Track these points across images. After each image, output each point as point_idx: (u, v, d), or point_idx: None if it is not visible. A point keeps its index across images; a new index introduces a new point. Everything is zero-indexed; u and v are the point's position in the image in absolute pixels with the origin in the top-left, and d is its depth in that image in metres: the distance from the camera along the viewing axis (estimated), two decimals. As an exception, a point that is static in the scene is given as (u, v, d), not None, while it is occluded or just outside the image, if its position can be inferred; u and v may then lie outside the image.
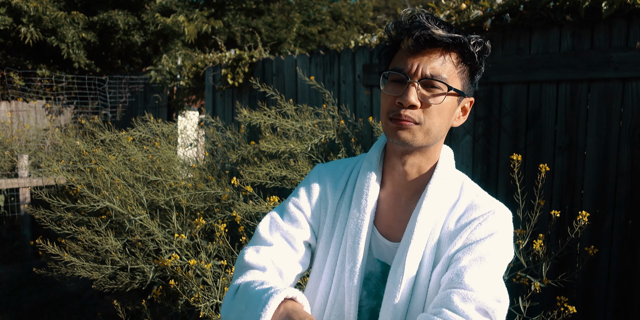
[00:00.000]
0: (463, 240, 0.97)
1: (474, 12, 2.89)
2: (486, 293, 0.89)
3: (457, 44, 0.95)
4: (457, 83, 0.98)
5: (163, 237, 2.60)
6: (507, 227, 1.00)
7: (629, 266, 2.47)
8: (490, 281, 0.92)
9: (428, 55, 0.95)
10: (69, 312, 3.71)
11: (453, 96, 0.98)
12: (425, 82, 0.95)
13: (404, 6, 15.93)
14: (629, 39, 2.40)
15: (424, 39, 0.94)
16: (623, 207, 2.47)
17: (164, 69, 6.31)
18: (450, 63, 0.96)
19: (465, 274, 0.92)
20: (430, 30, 0.93)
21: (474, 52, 0.97)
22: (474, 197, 1.04)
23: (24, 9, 7.03)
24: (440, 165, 1.04)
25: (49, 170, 4.09)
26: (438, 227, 1.01)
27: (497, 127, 2.90)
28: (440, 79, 0.95)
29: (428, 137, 0.98)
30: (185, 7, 8.24)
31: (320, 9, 10.79)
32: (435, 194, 1.02)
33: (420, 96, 0.95)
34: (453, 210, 1.02)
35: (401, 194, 1.07)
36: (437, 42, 0.94)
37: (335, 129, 3.39)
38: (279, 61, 4.44)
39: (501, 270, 0.96)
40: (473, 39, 0.97)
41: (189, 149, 4.24)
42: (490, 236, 0.97)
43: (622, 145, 2.46)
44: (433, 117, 0.96)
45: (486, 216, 0.99)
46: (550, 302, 2.60)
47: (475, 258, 0.94)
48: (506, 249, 0.98)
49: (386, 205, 1.08)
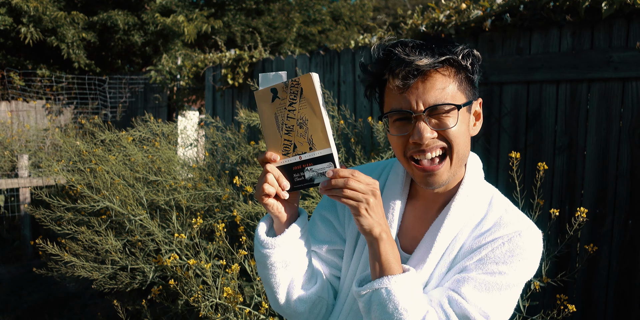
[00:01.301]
0: (481, 256, 0.94)
1: (474, 12, 2.89)
2: (476, 306, 0.90)
3: (447, 64, 0.91)
4: (461, 96, 0.92)
5: (163, 237, 2.60)
6: (532, 249, 0.94)
7: (629, 265, 2.47)
8: (489, 299, 0.91)
9: (422, 85, 0.90)
10: (69, 312, 3.71)
11: (462, 112, 0.92)
12: (431, 112, 0.90)
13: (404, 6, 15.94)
14: (629, 39, 2.40)
15: (411, 74, 0.88)
16: (623, 206, 2.47)
17: (164, 69, 6.31)
18: (446, 81, 0.90)
19: (466, 284, 0.92)
20: (414, 64, 0.87)
21: (467, 65, 0.92)
22: (502, 213, 0.98)
23: (24, 9, 7.03)
24: (466, 181, 0.99)
25: (49, 170, 4.09)
26: (459, 243, 0.97)
27: (497, 127, 2.90)
28: (445, 102, 0.90)
29: (459, 164, 0.95)
30: (185, 7, 8.25)
31: (320, 9, 10.80)
32: (458, 213, 0.97)
33: (433, 126, 0.91)
34: (478, 227, 0.98)
35: (427, 209, 1.04)
36: (425, 69, 0.89)
37: (335, 129, 3.39)
38: (279, 61, 4.44)
39: (510, 291, 0.93)
40: (459, 52, 0.91)
41: (189, 149, 4.24)
42: (511, 257, 0.92)
43: (622, 145, 2.46)
44: (457, 138, 0.92)
45: (511, 236, 0.94)
46: (550, 301, 2.60)
47: (484, 274, 0.92)
48: (524, 271, 0.94)
49: (413, 217, 1.05)
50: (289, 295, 1.01)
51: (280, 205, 0.94)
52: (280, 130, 0.91)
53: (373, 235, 0.89)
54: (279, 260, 0.96)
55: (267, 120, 0.91)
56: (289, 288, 1.01)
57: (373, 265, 0.91)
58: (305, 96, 0.88)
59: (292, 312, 1.04)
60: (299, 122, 0.90)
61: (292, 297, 1.01)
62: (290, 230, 0.96)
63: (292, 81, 0.89)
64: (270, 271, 0.98)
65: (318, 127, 0.89)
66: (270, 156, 0.92)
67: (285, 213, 0.95)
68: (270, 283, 1.00)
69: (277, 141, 0.91)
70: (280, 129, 0.91)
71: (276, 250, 0.95)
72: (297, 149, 0.91)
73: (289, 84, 0.89)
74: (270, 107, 0.91)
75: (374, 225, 0.88)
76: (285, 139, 0.91)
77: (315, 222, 1.13)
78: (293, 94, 0.89)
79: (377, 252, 0.90)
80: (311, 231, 1.13)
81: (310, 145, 0.90)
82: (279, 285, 1.00)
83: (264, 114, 0.92)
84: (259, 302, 2.22)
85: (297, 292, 1.01)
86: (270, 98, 0.90)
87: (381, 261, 0.90)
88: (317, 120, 0.89)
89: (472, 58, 0.94)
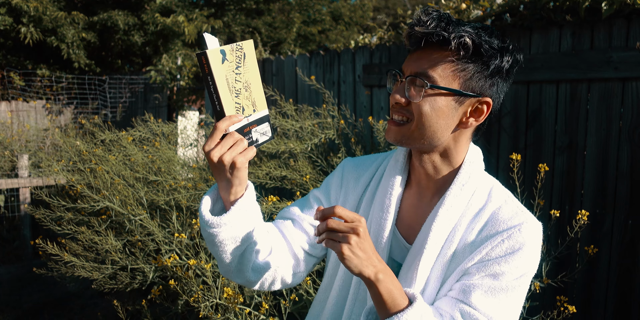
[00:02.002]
0: (481, 256, 0.93)
1: (474, 12, 2.89)
2: (487, 316, 0.90)
3: (441, 40, 0.89)
4: (453, 81, 0.90)
5: (163, 237, 2.60)
6: (532, 243, 0.93)
7: (629, 266, 2.47)
8: (497, 304, 0.90)
9: (421, 54, 0.92)
10: (69, 312, 3.71)
11: (442, 96, 0.91)
12: (410, 80, 0.93)
13: (404, 6, 15.94)
14: (629, 39, 2.40)
15: (414, 37, 0.92)
16: (623, 207, 2.47)
17: (164, 69, 6.31)
18: (445, 61, 0.90)
19: (474, 293, 0.90)
20: (414, 28, 0.90)
21: (455, 44, 0.88)
22: (502, 204, 0.98)
23: (24, 9, 7.03)
24: (462, 171, 0.99)
25: (49, 170, 4.10)
26: (458, 235, 0.96)
27: (497, 127, 2.90)
28: (423, 76, 0.90)
29: (418, 139, 0.95)
30: (185, 7, 8.24)
31: (320, 9, 10.79)
32: (453, 202, 0.97)
33: (409, 94, 0.93)
34: (476, 218, 0.97)
35: (423, 195, 1.04)
36: (423, 39, 0.90)
37: (335, 129, 3.39)
38: (279, 61, 4.44)
39: (518, 290, 0.93)
40: (452, 32, 0.88)
41: (189, 149, 4.24)
42: (511, 255, 0.91)
43: (622, 145, 2.46)
44: (421, 116, 0.92)
45: (511, 232, 0.93)
46: (550, 302, 2.60)
47: (488, 277, 0.91)
48: (527, 266, 0.93)
49: (409, 205, 1.05)
50: (241, 265, 0.98)
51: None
52: (231, 94, 0.90)
53: (368, 279, 0.85)
54: (228, 238, 0.93)
55: (221, 83, 0.88)
56: (239, 259, 0.97)
57: (378, 304, 0.87)
58: (247, 61, 0.93)
59: (244, 281, 1.02)
60: (245, 84, 0.92)
61: (243, 267, 0.98)
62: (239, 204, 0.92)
63: (237, 45, 0.91)
64: (219, 248, 0.94)
65: (259, 90, 0.95)
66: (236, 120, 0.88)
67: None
68: (221, 258, 0.97)
69: (231, 105, 0.90)
70: (231, 93, 0.90)
71: (223, 228, 0.91)
72: (245, 112, 0.92)
73: (234, 48, 0.91)
74: (221, 68, 0.88)
75: (362, 266, 0.83)
76: (237, 102, 0.91)
77: (309, 196, 1.15)
78: (238, 58, 0.91)
79: (378, 293, 0.86)
80: (300, 204, 1.14)
81: (254, 107, 0.94)
82: (229, 259, 0.96)
83: (216, 76, 0.87)
84: (259, 302, 2.22)
85: (248, 263, 0.98)
86: (220, 59, 0.88)
87: (385, 300, 0.86)
88: (258, 83, 0.95)
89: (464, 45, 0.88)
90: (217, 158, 0.87)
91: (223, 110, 0.88)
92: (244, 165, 0.88)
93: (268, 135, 0.95)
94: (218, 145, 0.87)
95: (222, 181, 0.90)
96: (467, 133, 0.99)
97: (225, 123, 0.87)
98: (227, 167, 0.87)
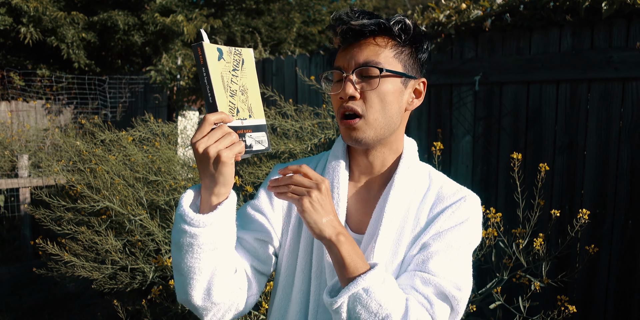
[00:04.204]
0: (436, 229, 0.97)
1: (474, 12, 2.89)
2: (447, 279, 0.92)
3: (380, 29, 0.95)
4: (397, 65, 0.96)
5: (163, 237, 2.60)
6: (477, 213, 1.01)
7: (629, 266, 2.47)
8: (454, 268, 0.94)
9: (359, 47, 0.95)
10: (69, 312, 3.71)
11: (393, 78, 0.96)
12: (359, 71, 0.95)
13: (404, 6, 15.93)
14: (629, 39, 2.40)
15: (347, 33, 0.95)
16: (623, 207, 2.47)
17: (164, 69, 6.31)
18: (383, 48, 0.95)
19: (431, 260, 0.93)
20: (350, 23, 0.94)
21: (397, 30, 0.96)
22: (442, 184, 1.03)
23: (24, 9, 7.03)
24: (405, 156, 1.03)
25: (49, 170, 4.10)
26: (410, 218, 0.99)
27: (497, 127, 2.90)
28: (372, 64, 0.94)
29: (379, 129, 0.97)
30: (185, 7, 8.24)
31: (320, 9, 10.79)
32: (403, 183, 1.00)
33: (359, 87, 0.95)
34: (424, 200, 1.01)
35: (370, 188, 1.05)
36: (361, 32, 0.94)
37: (335, 129, 3.38)
38: (279, 61, 4.44)
39: (468, 256, 0.98)
40: (392, 19, 0.97)
41: (189, 149, 4.24)
42: (461, 224, 0.97)
43: (622, 145, 2.46)
44: (375, 105, 0.95)
45: (458, 204, 0.99)
46: (550, 302, 2.60)
47: (443, 244, 0.95)
48: (475, 234, 1.00)
49: (355, 200, 1.05)
50: (210, 283, 0.89)
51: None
52: (226, 92, 0.89)
53: (329, 239, 0.85)
54: (208, 242, 0.85)
55: (215, 77, 0.87)
56: (211, 275, 0.88)
57: (339, 270, 0.87)
58: (245, 67, 0.93)
59: (209, 304, 0.91)
60: (241, 88, 0.92)
61: (212, 286, 0.89)
62: (225, 206, 0.86)
63: (235, 49, 0.91)
64: (194, 254, 0.86)
65: (256, 98, 0.94)
66: (227, 118, 0.85)
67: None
68: (191, 268, 0.87)
69: (224, 101, 0.88)
70: (226, 91, 0.89)
71: (207, 229, 0.84)
72: (239, 114, 0.91)
73: (232, 51, 0.91)
74: (218, 65, 0.88)
75: (322, 222, 0.84)
76: (230, 102, 0.90)
77: (245, 211, 1.06)
78: (235, 61, 0.91)
79: (339, 255, 0.86)
80: (239, 219, 1.05)
81: (250, 112, 0.92)
82: (201, 272, 0.87)
83: (211, 69, 0.86)
84: (259, 302, 2.22)
85: (218, 281, 0.89)
86: (216, 56, 0.88)
87: (346, 264, 0.86)
88: (256, 92, 0.94)
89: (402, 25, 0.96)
90: (202, 149, 0.82)
91: (215, 103, 0.86)
92: (230, 160, 0.83)
93: (264, 145, 0.92)
94: (205, 136, 0.83)
95: (206, 177, 0.85)
96: (407, 116, 1.04)
97: (215, 116, 0.84)
98: (211, 160, 0.82)
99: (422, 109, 3.23)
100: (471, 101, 2.99)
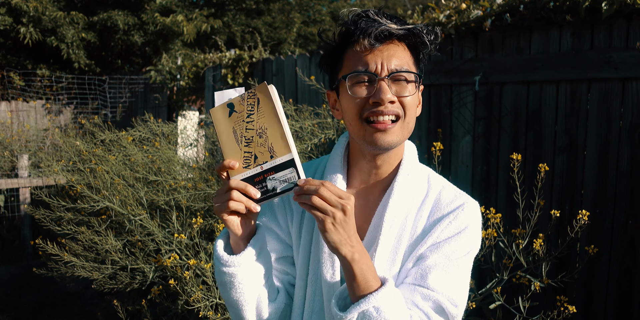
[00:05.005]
0: (433, 239, 0.97)
1: (474, 12, 2.89)
2: (445, 296, 0.93)
3: (411, 34, 0.96)
4: (417, 70, 0.99)
5: (163, 237, 2.60)
6: (475, 220, 1.00)
7: (629, 266, 2.47)
8: (452, 284, 0.95)
9: (387, 50, 0.95)
10: (69, 312, 3.71)
11: (415, 83, 0.98)
12: (394, 77, 0.95)
13: (404, 6, 15.93)
14: (629, 39, 2.40)
15: (382, 35, 0.94)
16: (623, 207, 2.47)
17: (164, 69, 6.31)
18: (406, 53, 0.97)
19: (430, 275, 0.94)
20: (387, 26, 0.94)
21: (427, 40, 0.98)
22: (441, 189, 1.03)
23: (23, 9, 7.03)
24: (405, 161, 1.03)
25: (49, 170, 4.09)
26: (408, 226, 0.99)
27: (497, 127, 2.90)
28: (410, 70, 0.96)
29: (406, 133, 0.98)
30: (185, 7, 8.25)
31: (320, 9, 10.80)
32: (402, 191, 1.00)
33: (394, 92, 0.94)
34: (422, 207, 1.01)
35: (368, 195, 1.04)
36: (393, 35, 0.95)
37: (335, 129, 3.38)
38: (279, 61, 4.44)
39: (466, 267, 0.98)
40: (425, 28, 0.98)
41: (189, 149, 4.24)
42: (459, 234, 0.97)
43: (622, 145, 2.46)
44: (410, 109, 0.96)
45: (456, 213, 0.98)
46: (550, 302, 2.60)
47: (441, 257, 0.95)
48: (473, 243, 0.99)
49: (356, 207, 1.03)
50: (259, 310, 0.98)
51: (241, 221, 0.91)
52: (239, 144, 0.90)
53: (344, 257, 0.86)
54: (246, 277, 0.93)
55: (225, 136, 0.90)
56: (257, 303, 0.98)
57: (351, 285, 0.88)
58: (262, 106, 0.89)
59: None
60: (258, 132, 0.89)
61: (261, 312, 0.99)
62: (253, 246, 0.93)
63: (248, 93, 0.89)
64: (238, 290, 0.94)
65: (278, 134, 0.88)
66: (228, 163, 0.89)
67: (245, 229, 0.92)
68: (239, 302, 0.96)
69: (237, 155, 0.90)
70: (240, 142, 0.90)
71: (242, 268, 0.92)
72: (257, 160, 0.89)
73: (245, 97, 0.90)
74: (228, 122, 0.90)
75: (340, 242, 0.85)
76: (246, 151, 0.90)
77: None
78: (250, 106, 0.89)
79: (352, 273, 0.87)
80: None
81: (271, 153, 0.89)
82: (247, 303, 0.96)
83: (221, 129, 0.91)
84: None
85: (264, 306, 0.99)
86: (227, 113, 0.91)
87: (358, 281, 0.87)
88: (276, 127, 0.88)
89: (434, 35, 0.99)
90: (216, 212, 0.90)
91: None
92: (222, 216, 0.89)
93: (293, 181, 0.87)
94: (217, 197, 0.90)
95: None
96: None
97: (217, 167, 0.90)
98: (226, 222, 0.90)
99: (422, 109, 3.23)
100: (471, 101, 2.99)
